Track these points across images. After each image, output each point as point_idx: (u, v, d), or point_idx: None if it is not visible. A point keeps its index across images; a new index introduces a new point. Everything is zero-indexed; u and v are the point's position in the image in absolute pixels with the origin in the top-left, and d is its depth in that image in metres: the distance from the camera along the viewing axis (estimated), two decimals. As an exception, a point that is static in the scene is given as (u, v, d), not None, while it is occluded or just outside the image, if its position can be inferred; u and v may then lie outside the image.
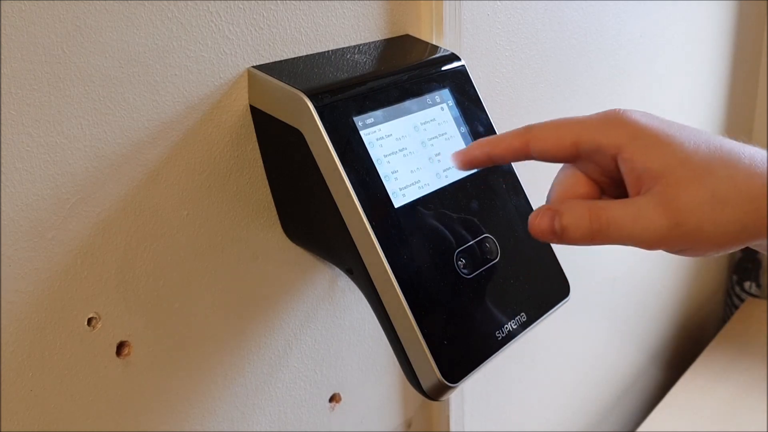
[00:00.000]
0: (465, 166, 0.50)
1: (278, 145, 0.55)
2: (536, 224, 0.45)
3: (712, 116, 1.31)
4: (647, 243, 0.43)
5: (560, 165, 0.49)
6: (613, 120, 0.45)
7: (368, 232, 0.50)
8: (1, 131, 0.43)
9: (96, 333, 0.50)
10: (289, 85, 0.51)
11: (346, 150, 0.51)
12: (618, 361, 1.26)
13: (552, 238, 0.45)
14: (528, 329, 0.56)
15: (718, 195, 0.42)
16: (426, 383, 0.51)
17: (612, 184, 0.47)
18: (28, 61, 0.43)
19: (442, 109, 0.58)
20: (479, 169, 0.58)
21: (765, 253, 0.47)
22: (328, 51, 0.58)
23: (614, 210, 0.43)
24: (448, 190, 0.56)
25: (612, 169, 0.45)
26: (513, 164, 0.61)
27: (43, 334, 0.47)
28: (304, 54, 0.57)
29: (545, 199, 0.49)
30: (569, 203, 0.46)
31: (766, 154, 0.44)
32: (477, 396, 0.88)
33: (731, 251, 0.45)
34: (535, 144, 0.46)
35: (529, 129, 0.47)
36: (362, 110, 0.53)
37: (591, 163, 0.46)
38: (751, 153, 0.44)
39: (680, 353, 1.47)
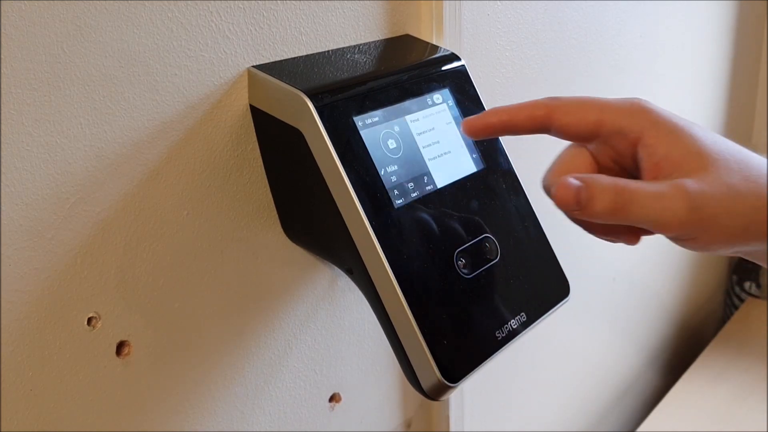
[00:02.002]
0: (476, 133, 0.49)
1: (278, 144, 0.55)
2: (562, 192, 0.44)
3: (713, 116, 1.31)
4: (665, 225, 0.43)
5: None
6: (638, 106, 0.46)
7: (368, 232, 0.50)
8: (1, 131, 0.43)
9: (96, 333, 0.50)
10: (289, 85, 0.51)
11: (346, 150, 0.51)
12: (618, 361, 1.26)
13: (575, 209, 0.44)
14: (528, 329, 0.56)
15: (733, 187, 0.43)
16: (426, 383, 0.51)
17: (618, 171, 0.47)
18: (28, 60, 0.43)
19: (443, 109, 0.58)
20: (479, 169, 0.58)
21: (760, 263, 0.47)
22: (328, 51, 0.58)
23: (638, 187, 0.43)
24: (448, 190, 0.56)
25: (626, 154, 0.46)
26: (512, 165, 0.61)
27: (43, 333, 0.47)
28: (304, 54, 0.57)
29: (542, 179, 0.48)
30: (594, 176, 0.45)
31: (764, 162, 0.45)
32: (477, 396, 0.88)
33: (731, 251, 0.45)
34: (558, 117, 0.46)
35: (554, 100, 0.47)
36: (362, 110, 0.53)
37: (605, 146, 0.46)
38: (758, 157, 0.45)
39: (680, 353, 1.47)
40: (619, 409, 1.29)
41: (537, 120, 0.47)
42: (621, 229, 0.47)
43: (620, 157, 0.46)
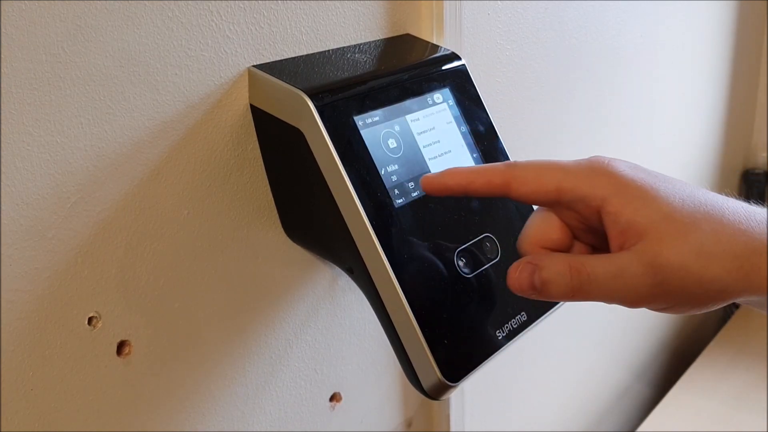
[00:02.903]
0: (434, 192, 0.47)
1: (279, 144, 0.55)
2: (515, 278, 0.44)
3: (713, 116, 1.31)
4: (629, 301, 0.42)
5: None
6: (598, 169, 0.44)
7: (369, 232, 0.50)
8: (2, 130, 0.43)
9: (96, 332, 0.50)
10: (289, 85, 0.51)
11: (347, 149, 0.51)
12: (618, 360, 1.26)
13: (531, 294, 0.44)
14: (528, 328, 0.56)
15: (703, 251, 0.41)
16: (426, 383, 0.51)
17: (587, 231, 0.46)
18: (28, 60, 0.43)
19: (443, 108, 0.58)
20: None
21: (755, 308, 0.46)
22: (329, 50, 0.58)
23: (595, 266, 0.42)
24: (449, 189, 0.56)
25: (592, 219, 0.44)
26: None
27: (43, 333, 0.47)
28: (305, 53, 0.57)
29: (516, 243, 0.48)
30: (549, 257, 0.44)
31: (749, 209, 0.43)
32: (477, 395, 0.88)
33: (711, 310, 0.44)
34: (516, 186, 0.45)
35: (511, 168, 0.45)
36: (363, 109, 0.53)
37: (570, 211, 0.45)
38: (734, 208, 0.42)
39: (680, 353, 1.47)
40: (618, 409, 1.30)
41: (495, 187, 0.45)
42: None
43: (585, 220, 0.45)
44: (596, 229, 0.45)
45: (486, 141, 0.60)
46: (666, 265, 0.41)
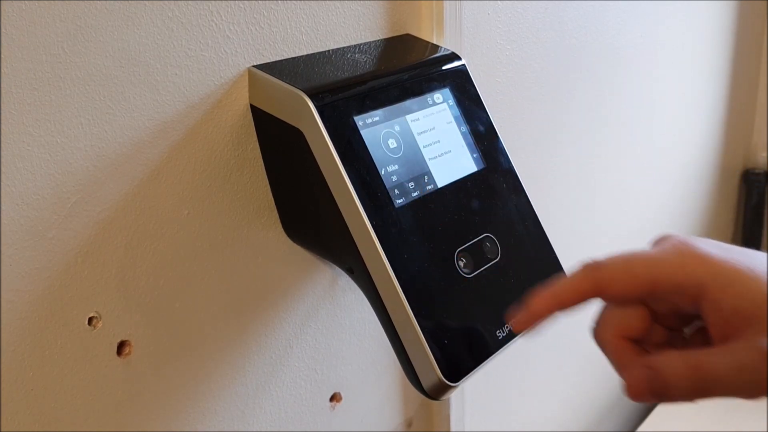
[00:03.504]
0: (530, 326, 0.44)
1: (279, 144, 0.55)
2: (635, 387, 0.41)
3: (713, 116, 1.31)
4: (753, 394, 0.40)
5: None
6: (688, 255, 0.42)
7: (369, 232, 0.50)
8: (2, 131, 0.43)
9: (96, 332, 0.50)
10: (289, 85, 0.51)
11: (347, 149, 0.51)
12: (618, 361, 1.26)
13: (653, 400, 0.41)
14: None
15: None
16: (426, 382, 0.51)
17: (668, 314, 0.44)
18: (28, 60, 0.43)
19: (443, 108, 0.58)
20: (479, 169, 0.58)
21: None
22: (329, 50, 0.58)
23: (715, 363, 0.40)
24: (449, 189, 0.56)
25: (684, 305, 0.42)
26: (513, 164, 0.61)
27: (43, 333, 0.47)
28: (305, 53, 0.57)
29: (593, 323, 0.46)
30: (664, 358, 0.41)
31: None
32: (477, 395, 0.88)
33: None
34: (607, 287, 0.42)
35: (595, 269, 0.43)
36: (363, 109, 0.53)
37: (660, 300, 0.43)
38: None
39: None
40: (619, 408, 1.29)
41: (585, 294, 0.43)
42: None
43: (676, 306, 0.43)
44: (679, 311, 0.43)
45: (486, 141, 0.60)
46: None
